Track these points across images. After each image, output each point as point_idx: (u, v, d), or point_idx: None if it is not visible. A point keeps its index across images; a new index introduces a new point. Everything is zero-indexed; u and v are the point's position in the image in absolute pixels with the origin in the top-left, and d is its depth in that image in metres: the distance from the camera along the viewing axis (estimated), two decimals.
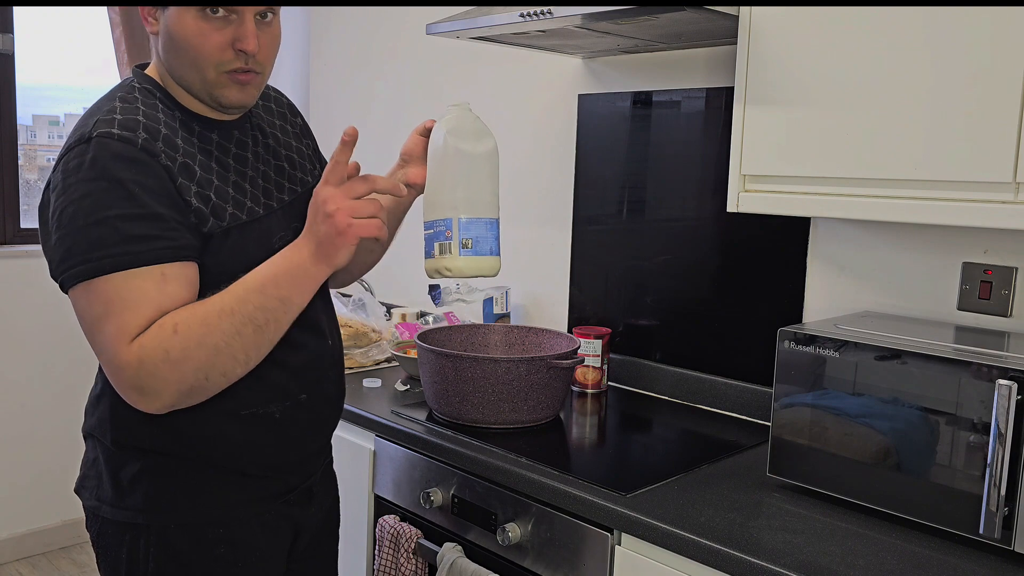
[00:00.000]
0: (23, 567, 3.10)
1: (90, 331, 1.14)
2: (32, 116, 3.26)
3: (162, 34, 1.20)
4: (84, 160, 1.12)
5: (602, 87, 2.20)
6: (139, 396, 1.12)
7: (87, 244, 1.10)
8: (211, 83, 1.20)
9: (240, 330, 1.13)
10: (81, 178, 1.12)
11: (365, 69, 2.93)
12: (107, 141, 1.13)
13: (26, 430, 3.13)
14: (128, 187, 1.12)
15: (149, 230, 1.12)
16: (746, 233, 1.92)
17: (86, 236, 1.10)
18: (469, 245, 1.29)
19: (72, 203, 1.11)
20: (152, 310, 1.12)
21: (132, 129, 1.15)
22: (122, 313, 1.11)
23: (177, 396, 1.13)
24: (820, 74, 1.44)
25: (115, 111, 1.17)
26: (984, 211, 1.28)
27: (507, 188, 2.47)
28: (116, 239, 1.10)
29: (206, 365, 1.13)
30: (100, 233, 1.10)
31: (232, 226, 1.21)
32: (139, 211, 1.12)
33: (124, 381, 1.12)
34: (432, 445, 1.71)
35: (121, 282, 1.11)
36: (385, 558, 1.78)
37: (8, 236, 3.09)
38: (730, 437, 1.78)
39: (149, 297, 1.12)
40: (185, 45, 1.17)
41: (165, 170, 1.15)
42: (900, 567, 1.21)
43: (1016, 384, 1.19)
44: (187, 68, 1.20)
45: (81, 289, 1.12)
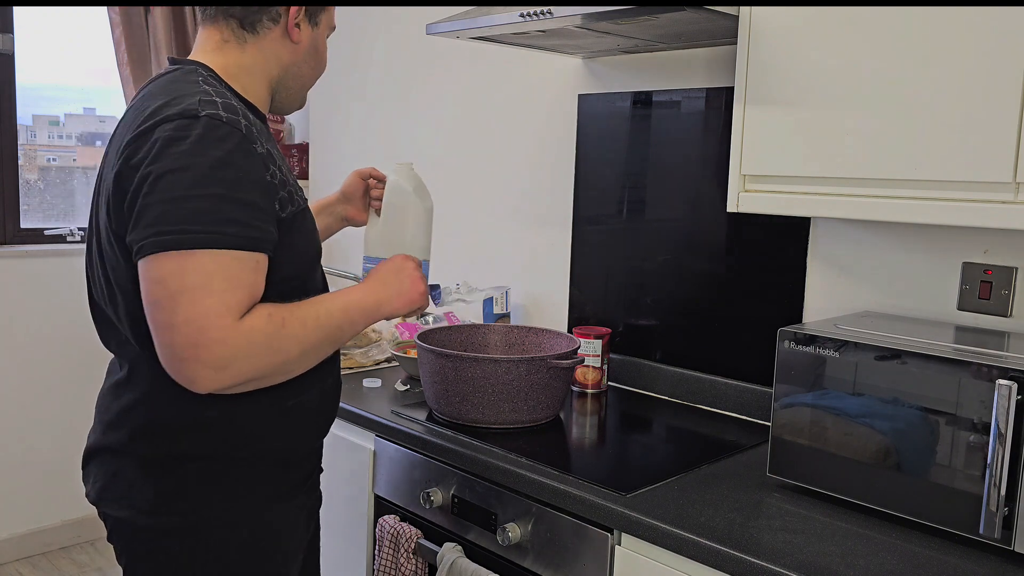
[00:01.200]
0: (23, 567, 3.10)
1: (173, 300, 1.10)
2: (32, 116, 3.26)
3: (307, 45, 1.36)
4: (189, 134, 1.13)
5: (602, 87, 2.20)
6: (212, 373, 1.11)
7: (186, 215, 1.10)
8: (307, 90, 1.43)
9: (323, 340, 1.24)
10: (184, 151, 1.12)
11: (365, 69, 2.93)
12: (215, 123, 1.15)
13: (26, 430, 3.13)
14: (232, 171, 1.14)
15: (248, 217, 1.15)
16: (746, 233, 1.92)
17: (190, 208, 1.11)
18: None
19: (173, 172, 1.12)
20: (248, 295, 1.15)
21: (235, 114, 1.18)
22: (225, 291, 1.11)
23: (246, 383, 1.16)
24: (820, 74, 1.44)
25: (211, 95, 1.19)
26: (984, 211, 1.28)
27: (508, 188, 2.48)
28: (219, 218, 1.12)
29: (291, 362, 1.20)
30: (205, 207, 1.11)
31: (298, 209, 1.27)
32: (240, 196, 1.14)
33: (208, 356, 1.10)
34: (432, 445, 1.71)
35: (222, 260, 1.12)
36: (385, 558, 1.78)
37: (8, 236, 3.09)
38: (730, 437, 1.78)
39: (247, 281, 1.14)
40: (322, 59, 1.41)
41: (261, 158, 1.19)
42: (900, 567, 1.21)
43: (1016, 384, 1.19)
44: (312, 75, 1.41)
45: (174, 257, 1.10)
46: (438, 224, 2.69)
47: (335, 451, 1.98)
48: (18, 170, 3.09)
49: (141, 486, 1.26)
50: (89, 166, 3.44)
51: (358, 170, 1.67)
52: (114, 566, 3.12)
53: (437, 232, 2.71)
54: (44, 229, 3.18)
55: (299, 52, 1.35)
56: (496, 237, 2.52)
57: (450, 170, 2.65)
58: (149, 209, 1.11)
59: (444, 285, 2.45)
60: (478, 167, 2.56)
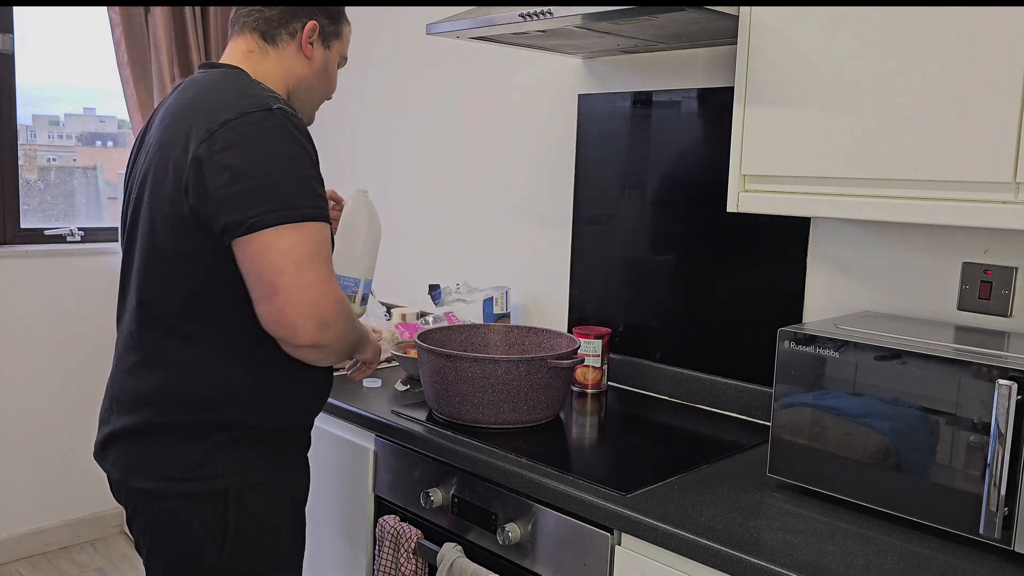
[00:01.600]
0: (23, 567, 3.10)
1: (299, 267, 1.27)
2: (32, 116, 3.26)
3: (319, 64, 1.52)
4: (271, 125, 1.30)
5: (602, 87, 2.20)
6: (320, 328, 1.30)
7: (295, 194, 1.29)
8: (317, 107, 1.60)
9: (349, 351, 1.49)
10: (274, 139, 1.30)
11: (365, 69, 2.93)
12: (288, 114, 1.34)
13: (26, 430, 3.13)
14: (311, 155, 1.34)
15: (324, 193, 1.35)
16: (746, 233, 1.92)
17: (292, 187, 1.29)
18: (366, 299, 1.72)
19: (270, 159, 1.29)
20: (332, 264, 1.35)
21: (295, 111, 1.38)
22: (328, 259, 1.33)
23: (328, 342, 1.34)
24: (820, 74, 1.44)
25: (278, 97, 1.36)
26: (984, 211, 1.28)
27: (508, 188, 2.48)
28: (313, 194, 1.31)
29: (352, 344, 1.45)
30: (303, 187, 1.30)
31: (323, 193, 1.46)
32: (319, 176, 1.35)
33: (326, 313, 1.30)
34: (432, 445, 1.71)
35: (323, 231, 1.32)
36: (385, 558, 1.78)
37: (8, 236, 3.09)
38: (730, 437, 1.78)
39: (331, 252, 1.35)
40: (331, 80, 1.57)
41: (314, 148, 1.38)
42: (900, 567, 1.21)
43: (1016, 384, 1.19)
44: (321, 94, 1.57)
45: (293, 230, 1.27)
46: (439, 224, 2.70)
47: (335, 451, 1.98)
48: (18, 170, 3.09)
49: (173, 456, 1.37)
50: (89, 166, 3.43)
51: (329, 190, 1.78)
52: (114, 566, 3.12)
53: (437, 232, 2.71)
54: (44, 229, 3.18)
55: (311, 68, 1.51)
56: (496, 237, 2.52)
57: (450, 170, 2.65)
58: (257, 190, 1.27)
59: (444, 285, 2.47)
60: (478, 167, 2.56)
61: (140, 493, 1.40)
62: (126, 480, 1.41)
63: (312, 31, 1.49)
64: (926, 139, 1.33)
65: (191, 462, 1.37)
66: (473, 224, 2.59)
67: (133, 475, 1.39)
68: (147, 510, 1.41)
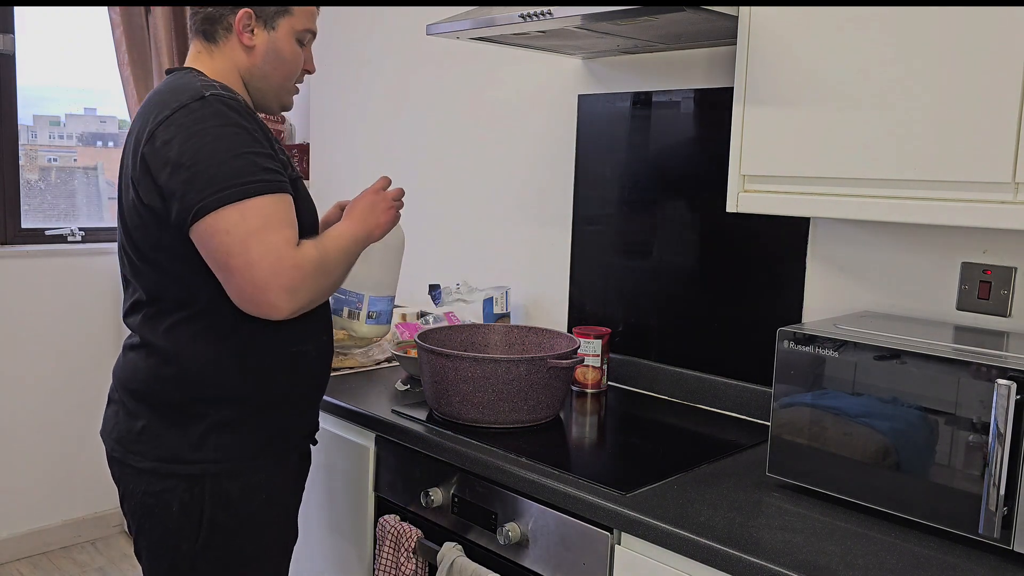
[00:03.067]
0: (23, 567, 3.10)
1: (244, 244, 1.29)
2: (32, 116, 3.26)
3: (265, 48, 1.49)
4: (205, 112, 1.33)
5: (602, 87, 2.20)
6: (289, 296, 1.31)
7: (232, 173, 1.30)
8: (288, 90, 1.56)
9: (346, 265, 1.47)
10: (208, 126, 1.32)
11: (365, 69, 2.93)
12: (223, 97, 1.36)
13: (26, 430, 3.13)
14: (251, 132, 1.36)
15: (274, 166, 1.36)
16: (746, 233, 1.92)
17: (231, 167, 1.30)
18: (374, 316, 1.65)
19: (209, 143, 1.31)
20: (294, 229, 1.35)
21: (234, 94, 1.39)
22: (280, 226, 1.32)
23: (309, 303, 1.37)
24: (820, 74, 1.45)
25: (214, 84, 1.38)
26: (983, 211, 1.28)
27: (508, 188, 2.48)
28: (256, 169, 1.32)
29: (336, 283, 1.45)
30: (242, 164, 1.31)
31: (297, 178, 1.48)
32: (265, 151, 1.36)
33: (286, 281, 1.31)
34: (432, 445, 1.71)
35: (271, 203, 1.33)
36: (385, 558, 1.78)
37: (9, 236, 3.10)
38: (730, 437, 1.78)
39: (291, 219, 1.35)
40: (287, 60, 1.52)
41: (262, 127, 1.40)
42: (900, 567, 1.21)
43: (1015, 384, 1.19)
44: (280, 77, 1.53)
45: (233, 209, 1.29)
46: (438, 224, 2.70)
47: (335, 451, 1.98)
48: (19, 170, 3.09)
49: (158, 438, 1.42)
50: (90, 166, 3.44)
51: (339, 202, 1.74)
52: (114, 565, 3.12)
53: (437, 232, 2.71)
54: (45, 229, 3.18)
55: (256, 56, 1.49)
56: (496, 237, 2.52)
57: (450, 170, 2.65)
58: (197, 178, 1.30)
59: (444, 285, 2.47)
60: (478, 167, 2.56)
61: (128, 472, 1.46)
62: (116, 457, 1.47)
63: (245, 19, 1.46)
64: (926, 139, 1.33)
65: (175, 444, 1.42)
66: (473, 224, 2.59)
67: (123, 453, 1.45)
68: (134, 490, 1.45)
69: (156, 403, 1.43)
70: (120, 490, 1.50)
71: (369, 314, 1.62)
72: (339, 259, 1.44)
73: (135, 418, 1.45)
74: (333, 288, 1.45)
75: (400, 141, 2.83)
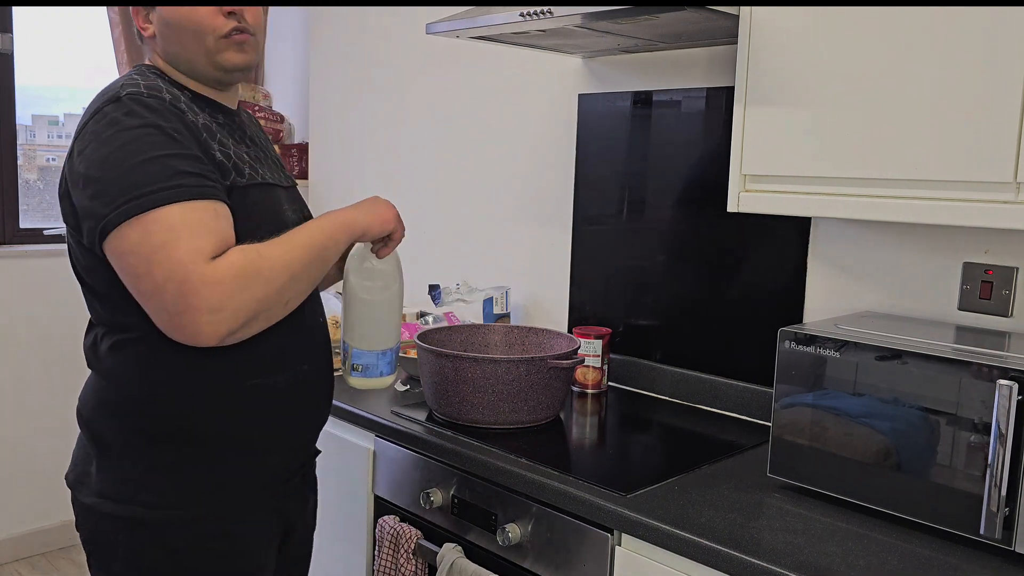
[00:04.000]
0: (23, 567, 3.10)
1: (149, 262, 1.12)
2: (32, 116, 3.26)
3: (159, 27, 1.31)
4: (119, 114, 1.18)
5: (602, 87, 2.20)
6: (211, 317, 1.12)
7: (139, 181, 1.13)
8: (213, 50, 1.29)
9: (309, 260, 1.23)
10: (120, 128, 1.17)
11: (365, 69, 2.92)
12: (138, 97, 1.20)
13: (26, 430, 3.13)
14: (168, 132, 1.18)
15: (197, 169, 1.18)
16: (746, 233, 1.92)
17: (138, 174, 1.14)
18: (359, 369, 1.47)
19: (116, 150, 1.15)
20: (217, 240, 1.15)
21: (158, 91, 1.23)
22: (192, 238, 1.13)
23: (248, 321, 1.17)
24: (820, 74, 1.44)
25: (137, 82, 1.24)
26: (985, 211, 1.28)
27: (508, 188, 2.47)
28: (169, 174, 1.15)
29: (284, 288, 1.20)
30: (152, 170, 1.14)
31: (251, 184, 1.29)
32: (184, 152, 1.18)
33: (199, 302, 1.11)
34: (432, 445, 1.71)
35: (181, 212, 1.14)
36: (385, 559, 1.78)
37: (8, 236, 3.09)
38: (730, 437, 1.78)
39: (212, 228, 1.16)
40: (183, 22, 1.28)
41: (190, 126, 1.23)
42: (901, 567, 1.21)
43: (1017, 384, 1.19)
44: (190, 43, 1.29)
45: (136, 223, 1.12)
46: (438, 224, 2.69)
47: (335, 451, 1.98)
48: (17, 170, 3.09)
49: (108, 472, 1.26)
50: None
51: None
52: None
53: (437, 232, 2.70)
54: (43, 229, 3.18)
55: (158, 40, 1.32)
56: (496, 237, 2.52)
57: (450, 170, 2.65)
58: (102, 191, 1.14)
59: (444, 285, 2.46)
60: (478, 167, 2.56)
61: (76, 504, 1.31)
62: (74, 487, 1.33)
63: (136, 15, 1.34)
64: (926, 139, 1.33)
65: (117, 481, 1.26)
66: (473, 224, 2.58)
67: (77, 484, 1.32)
68: (84, 522, 1.31)
69: (100, 433, 1.28)
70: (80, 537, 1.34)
71: (354, 366, 1.46)
72: (291, 258, 1.21)
73: (83, 447, 1.32)
74: (294, 295, 1.23)
75: (400, 141, 2.82)
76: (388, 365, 1.50)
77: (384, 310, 1.47)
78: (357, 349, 1.46)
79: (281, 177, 1.43)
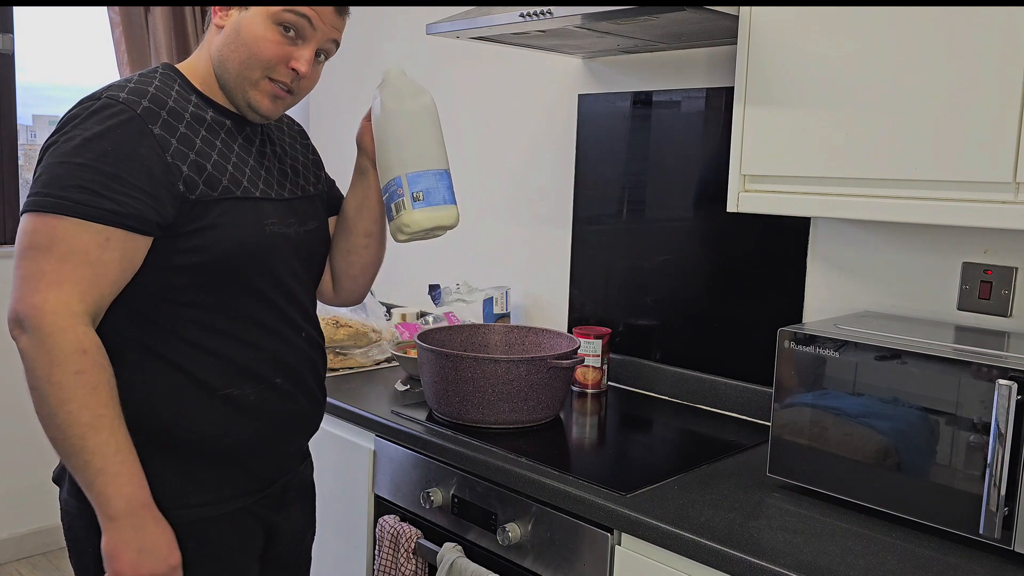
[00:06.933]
0: (23, 567, 3.10)
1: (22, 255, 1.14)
2: (32, 116, 3.26)
3: (229, 28, 1.29)
4: (85, 113, 1.20)
5: (602, 87, 2.20)
6: (14, 327, 1.14)
7: (51, 180, 1.16)
8: (252, 82, 1.29)
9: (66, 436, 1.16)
10: (74, 125, 1.20)
11: (365, 69, 2.93)
12: (110, 102, 1.21)
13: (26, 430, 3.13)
14: (106, 143, 1.17)
15: (107, 190, 1.16)
16: (746, 233, 1.92)
17: (53, 173, 1.16)
18: (420, 198, 1.33)
19: (57, 144, 1.19)
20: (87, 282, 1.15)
21: (139, 96, 1.23)
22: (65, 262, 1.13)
23: (31, 369, 1.16)
24: (820, 74, 1.44)
25: (129, 82, 1.26)
26: (984, 211, 1.28)
27: (508, 188, 2.48)
28: (74, 185, 1.15)
29: (41, 393, 1.17)
30: (62, 173, 1.16)
31: (224, 198, 1.26)
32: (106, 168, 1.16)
33: (15, 308, 1.13)
34: (432, 445, 1.71)
35: (70, 228, 1.14)
36: (385, 558, 1.78)
37: (8, 236, 3.09)
38: (730, 437, 1.78)
39: (92, 257, 1.15)
40: (249, 41, 1.27)
41: (157, 140, 1.21)
42: (900, 567, 1.21)
43: (1016, 384, 1.19)
44: (235, 62, 1.28)
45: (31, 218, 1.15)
46: None
47: (335, 451, 1.98)
48: (18, 170, 3.09)
49: None
50: None
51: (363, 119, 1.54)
52: None
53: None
54: None
55: (220, 37, 1.30)
56: (496, 237, 2.52)
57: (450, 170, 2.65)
58: (37, 176, 1.19)
59: (444, 285, 2.47)
60: (478, 167, 2.56)
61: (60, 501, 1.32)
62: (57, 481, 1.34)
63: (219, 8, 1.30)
64: (926, 139, 1.33)
65: None
66: (473, 224, 2.59)
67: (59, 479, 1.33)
68: (63, 518, 1.30)
69: None
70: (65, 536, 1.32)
71: (414, 196, 1.32)
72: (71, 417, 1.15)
73: None
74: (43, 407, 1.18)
75: None
76: (448, 190, 1.39)
77: (427, 120, 1.38)
78: (412, 173, 1.35)
79: (289, 189, 1.39)
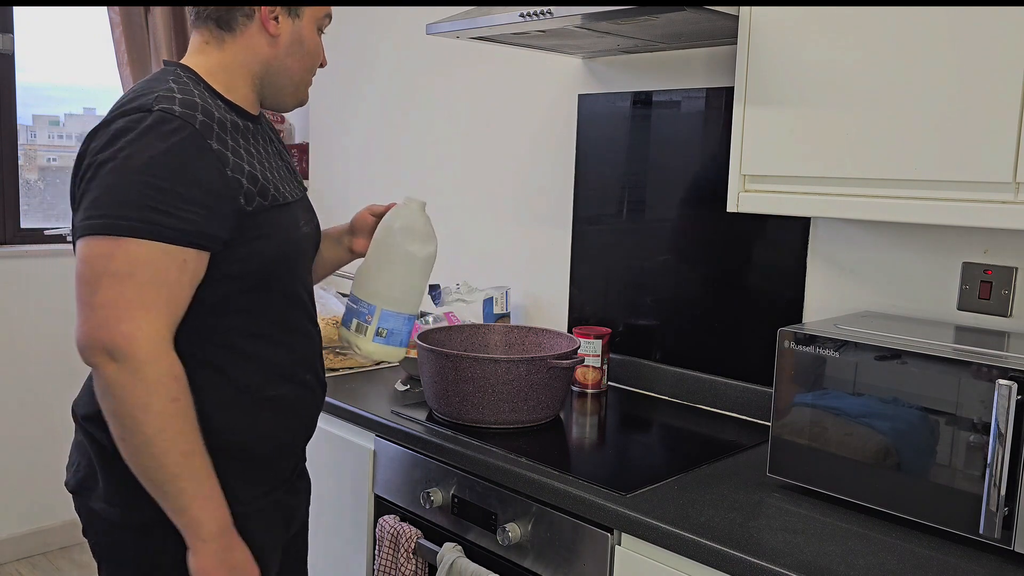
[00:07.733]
0: (23, 567, 3.10)
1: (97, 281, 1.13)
2: (32, 116, 3.26)
3: (289, 38, 1.33)
4: (139, 127, 1.16)
5: (602, 87, 2.20)
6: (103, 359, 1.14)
7: (120, 201, 1.13)
8: (305, 84, 1.40)
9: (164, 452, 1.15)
10: (130, 140, 1.15)
11: (365, 69, 2.93)
12: (166, 116, 1.17)
13: (26, 430, 3.13)
14: (172, 163, 1.15)
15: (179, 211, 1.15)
16: (746, 233, 1.92)
17: (121, 194, 1.13)
18: (384, 334, 1.42)
19: (115, 160, 1.14)
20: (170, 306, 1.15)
21: (192, 109, 1.21)
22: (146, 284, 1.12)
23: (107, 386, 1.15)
24: (820, 74, 1.44)
25: (173, 91, 1.22)
26: (984, 211, 1.28)
27: (508, 188, 2.48)
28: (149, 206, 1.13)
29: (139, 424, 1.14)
30: (134, 195, 1.13)
31: (273, 205, 1.29)
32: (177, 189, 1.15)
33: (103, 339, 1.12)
34: (432, 445, 1.71)
35: (151, 251, 1.13)
36: (385, 558, 1.78)
37: (8, 236, 3.09)
38: (730, 437, 1.78)
39: (171, 279, 1.15)
40: (311, 51, 1.37)
41: (216, 155, 1.20)
42: (900, 567, 1.21)
43: (1016, 384, 1.19)
44: (300, 69, 1.37)
45: (103, 241, 1.13)
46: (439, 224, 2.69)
47: (335, 451, 1.98)
48: (18, 170, 3.09)
49: (116, 478, 1.23)
50: None
51: (371, 206, 1.60)
52: None
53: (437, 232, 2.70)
54: (44, 229, 3.18)
55: (279, 45, 1.33)
56: (496, 237, 2.52)
57: (450, 170, 2.65)
58: (88, 194, 1.15)
59: (444, 285, 2.47)
60: (478, 167, 2.56)
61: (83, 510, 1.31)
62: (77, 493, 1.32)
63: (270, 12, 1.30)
64: (926, 139, 1.33)
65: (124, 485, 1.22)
66: (473, 224, 2.59)
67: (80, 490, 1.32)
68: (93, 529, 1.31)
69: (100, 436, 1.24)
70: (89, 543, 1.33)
71: (379, 331, 1.40)
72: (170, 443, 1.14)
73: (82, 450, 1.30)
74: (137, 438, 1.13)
75: (400, 141, 2.83)
76: (407, 335, 1.47)
77: (423, 269, 1.44)
78: (387, 311, 1.40)
79: (294, 187, 1.42)
